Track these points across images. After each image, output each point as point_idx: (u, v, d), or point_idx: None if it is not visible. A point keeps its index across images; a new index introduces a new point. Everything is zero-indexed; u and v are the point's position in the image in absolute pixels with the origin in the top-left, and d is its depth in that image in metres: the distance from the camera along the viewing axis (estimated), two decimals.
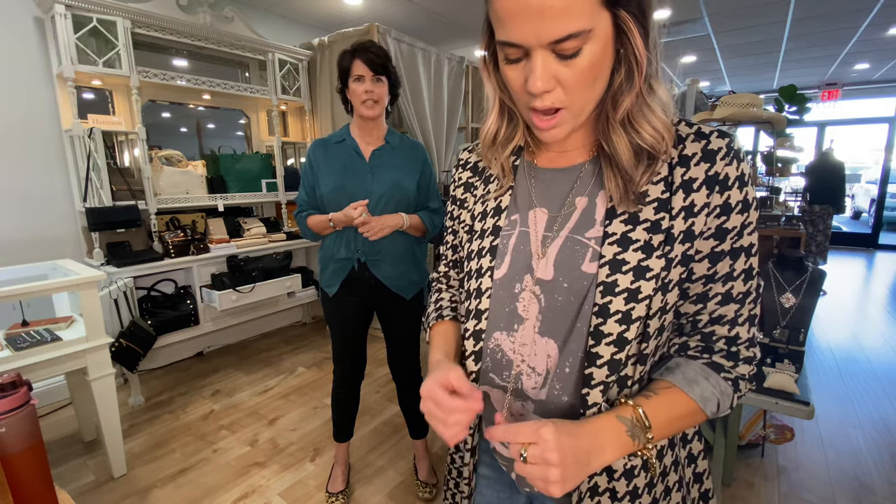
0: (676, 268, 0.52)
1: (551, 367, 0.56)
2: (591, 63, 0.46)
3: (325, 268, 1.67)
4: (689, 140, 0.52)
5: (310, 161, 1.62)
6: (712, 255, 0.52)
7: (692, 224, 0.51)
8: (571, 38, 0.44)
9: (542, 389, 0.57)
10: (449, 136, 3.94)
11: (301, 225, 1.67)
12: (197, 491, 1.87)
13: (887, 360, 3.09)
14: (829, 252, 4.54)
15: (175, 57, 3.06)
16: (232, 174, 3.16)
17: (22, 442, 0.79)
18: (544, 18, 0.43)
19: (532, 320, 0.58)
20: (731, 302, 0.54)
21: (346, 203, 1.50)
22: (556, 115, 0.50)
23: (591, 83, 0.48)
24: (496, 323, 0.60)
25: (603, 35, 0.45)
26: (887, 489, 1.85)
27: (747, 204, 0.51)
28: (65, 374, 1.92)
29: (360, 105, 1.52)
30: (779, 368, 1.38)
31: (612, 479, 0.56)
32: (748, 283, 0.53)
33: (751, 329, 0.55)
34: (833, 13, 3.88)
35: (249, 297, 2.88)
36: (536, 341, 0.57)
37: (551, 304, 0.56)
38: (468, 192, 0.69)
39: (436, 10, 3.75)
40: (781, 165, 2.64)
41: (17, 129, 2.44)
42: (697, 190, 0.51)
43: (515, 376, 0.59)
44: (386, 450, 2.13)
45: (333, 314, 1.71)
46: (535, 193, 0.61)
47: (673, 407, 0.52)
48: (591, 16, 0.43)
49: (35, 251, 2.50)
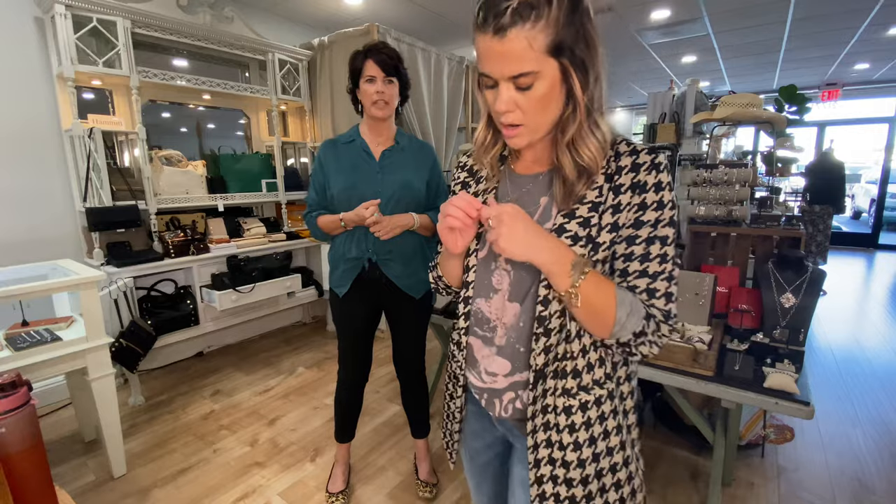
0: (604, 251, 0.69)
1: (514, 324, 0.76)
2: (542, 95, 0.62)
3: (336, 268, 1.66)
4: (624, 155, 0.68)
5: (320, 161, 1.62)
6: (629, 238, 0.68)
7: (618, 218, 0.67)
8: (523, 76, 0.61)
9: (502, 339, 0.78)
10: (449, 136, 3.94)
11: (311, 225, 1.66)
12: (197, 491, 1.87)
13: (887, 360, 3.09)
14: (829, 252, 4.54)
15: (175, 57, 3.06)
16: (232, 174, 3.16)
17: (22, 442, 0.79)
18: (505, 60, 0.60)
19: (504, 290, 0.77)
20: (645, 277, 0.68)
21: (357, 203, 1.51)
22: (517, 129, 0.67)
23: (542, 110, 0.64)
24: (479, 291, 0.80)
25: (550, 76, 0.62)
26: (887, 489, 1.85)
27: (662, 204, 0.66)
28: (65, 374, 1.92)
29: (370, 105, 1.52)
30: (779, 368, 1.38)
31: (569, 397, 0.72)
32: (663, 265, 0.68)
33: (668, 304, 0.68)
34: (833, 13, 3.88)
35: (249, 297, 2.88)
36: (505, 305, 0.77)
37: (517, 277, 0.75)
38: (464, 189, 0.87)
39: (436, 10, 3.75)
40: (781, 165, 2.64)
41: (17, 129, 2.44)
42: (624, 192, 0.67)
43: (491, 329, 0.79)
44: (386, 450, 2.13)
45: (342, 315, 1.70)
46: (511, 193, 0.78)
47: (604, 283, 0.66)
48: (538, 61, 0.60)
49: (35, 251, 2.50)
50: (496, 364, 0.79)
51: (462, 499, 1.82)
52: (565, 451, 0.73)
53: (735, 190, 1.86)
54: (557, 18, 0.59)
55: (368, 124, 1.61)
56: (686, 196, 2.03)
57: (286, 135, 3.69)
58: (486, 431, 0.92)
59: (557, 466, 0.73)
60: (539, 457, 0.74)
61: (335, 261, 1.66)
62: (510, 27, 0.58)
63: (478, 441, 0.95)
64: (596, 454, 0.73)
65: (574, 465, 0.73)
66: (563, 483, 0.73)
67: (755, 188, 2.10)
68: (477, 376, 0.83)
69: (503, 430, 0.88)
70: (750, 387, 1.33)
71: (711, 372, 1.41)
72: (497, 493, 0.98)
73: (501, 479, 0.96)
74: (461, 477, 1.94)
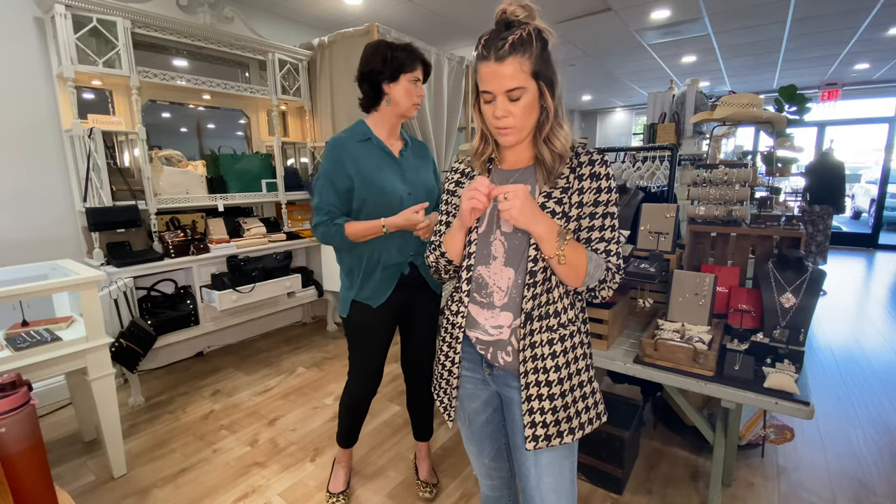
0: (574, 222, 0.94)
1: (511, 286, 0.97)
2: (526, 105, 0.88)
3: (369, 277, 1.54)
4: (582, 156, 0.95)
5: (340, 161, 1.47)
6: (591, 215, 0.94)
7: (582, 199, 0.94)
8: (516, 90, 0.86)
9: (503, 298, 0.98)
10: (449, 136, 3.94)
11: (335, 235, 1.49)
12: (197, 491, 1.87)
13: (887, 360, 3.09)
14: (829, 252, 4.53)
15: (175, 57, 3.06)
16: (232, 174, 3.16)
17: (22, 442, 0.79)
18: (503, 79, 0.85)
19: (500, 258, 0.98)
20: (603, 241, 0.95)
21: (389, 205, 1.46)
22: (508, 130, 0.91)
23: (527, 116, 0.89)
24: (479, 260, 1.01)
25: (532, 92, 0.87)
26: (887, 489, 1.85)
27: (610, 189, 0.94)
28: (65, 374, 1.92)
29: (410, 106, 1.50)
30: (779, 368, 1.38)
31: (552, 332, 0.95)
32: (613, 233, 0.96)
33: (618, 260, 0.97)
34: (833, 13, 3.88)
35: (249, 297, 2.88)
36: (502, 270, 0.97)
37: (510, 246, 0.97)
38: (458, 187, 1.09)
39: (436, 10, 3.75)
40: (781, 165, 2.63)
41: (17, 129, 2.44)
42: (585, 180, 0.93)
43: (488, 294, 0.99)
44: (386, 450, 2.13)
45: (371, 328, 1.59)
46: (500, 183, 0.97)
47: (579, 247, 0.90)
48: (525, 81, 0.85)
49: (35, 251, 2.50)
50: (502, 317, 0.97)
51: (462, 499, 1.82)
52: (549, 372, 0.95)
53: (735, 190, 1.86)
54: (537, 54, 0.85)
55: (389, 123, 1.54)
56: (686, 196, 2.03)
57: (286, 135, 3.69)
58: (479, 391, 1.08)
59: (542, 386, 0.95)
60: (528, 381, 0.95)
61: (368, 270, 1.53)
62: (508, 56, 0.83)
63: (474, 401, 1.09)
64: (570, 374, 0.97)
65: (555, 382, 0.95)
66: (547, 398, 0.96)
67: (755, 188, 2.10)
68: (484, 332, 1.00)
69: (495, 387, 1.06)
70: (750, 387, 1.33)
71: (711, 372, 1.41)
72: (498, 450, 1.15)
73: (499, 435, 1.14)
74: (461, 477, 1.94)
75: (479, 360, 1.05)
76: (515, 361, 0.97)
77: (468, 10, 3.71)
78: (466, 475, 1.95)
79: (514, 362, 0.98)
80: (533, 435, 0.95)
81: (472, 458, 1.19)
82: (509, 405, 1.03)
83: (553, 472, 0.99)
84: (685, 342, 1.49)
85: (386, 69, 1.45)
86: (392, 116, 1.52)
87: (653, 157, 2.69)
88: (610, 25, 4.13)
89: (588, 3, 3.64)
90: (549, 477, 0.99)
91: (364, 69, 1.48)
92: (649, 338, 1.55)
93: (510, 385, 1.01)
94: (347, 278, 1.60)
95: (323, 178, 1.50)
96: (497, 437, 1.14)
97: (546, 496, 1.00)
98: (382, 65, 1.45)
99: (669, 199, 2.29)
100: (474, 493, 1.84)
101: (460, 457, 2.05)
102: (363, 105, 1.56)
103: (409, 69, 1.47)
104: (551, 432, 0.95)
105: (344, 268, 1.60)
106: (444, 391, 1.10)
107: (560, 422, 0.96)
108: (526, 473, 1.02)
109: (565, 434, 0.96)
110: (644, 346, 1.53)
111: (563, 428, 0.96)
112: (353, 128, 1.55)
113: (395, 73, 1.46)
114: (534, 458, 0.99)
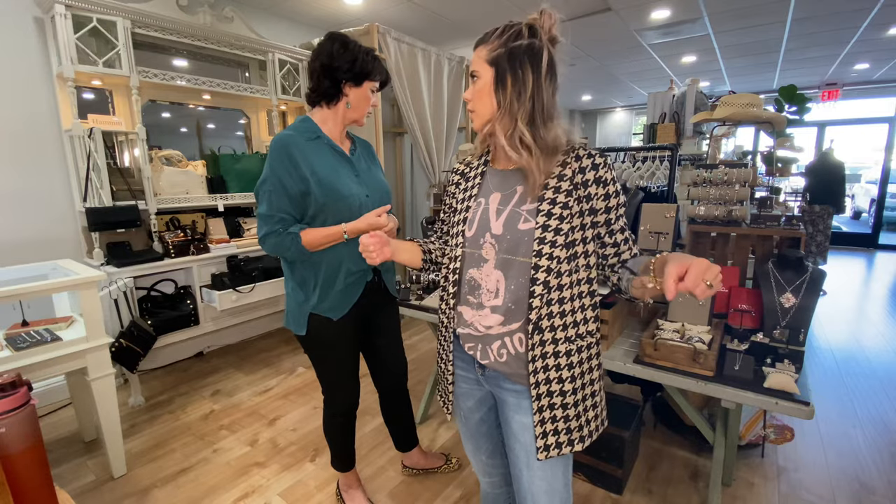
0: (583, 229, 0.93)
1: (501, 288, 0.97)
2: (479, 90, 0.94)
3: (329, 287, 1.43)
4: (584, 158, 0.93)
5: (292, 161, 1.33)
6: (607, 221, 0.95)
7: (593, 204, 0.93)
8: (473, 73, 0.96)
9: (492, 300, 0.98)
10: (449, 136, 3.94)
11: (289, 246, 1.35)
12: (197, 491, 1.87)
13: (887, 360, 3.09)
14: (829, 252, 4.53)
15: (175, 57, 3.06)
16: (232, 174, 3.16)
17: (22, 442, 0.79)
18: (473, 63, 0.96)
19: (491, 260, 0.97)
20: (619, 233, 0.96)
21: (349, 210, 1.38)
22: (472, 113, 0.99)
23: (479, 100, 0.95)
24: (470, 263, 1.01)
25: (486, 79, 0.92)
26: (887, 489, 1.85)
27: (618, 192, 0.95)
28: (65, 374, 1.92)
29: (363, 115, 1.47)
30: (779, 368, 1.38)
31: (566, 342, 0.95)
32: (625, 230, 0.97)
33: (632, 249, 0.97)
34: (833, 13, 3.88)
35: (249, 297, 2.88)
36: (492, 273, 0.97)
37: (500, 249, 0.96)
38: (457, 188, 1.11)
39: (436, 10, 3.75)
40: (781, 165, 2.63)
41: (17, 129, 2.44)
42: (590, 186, 0.92)
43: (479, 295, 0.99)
44: (386, 450, 2.13)
45: (336, 339, 1.49)
46: (492, 180, 1.03)
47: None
48: (481, 66, 0.93)
49: (35, 251, 2.50)
50: (491, 319, 0.98)
51: (462, 499, 1.82)
52: (563, 382, 0.95)
53: (735, 190, 1.86)
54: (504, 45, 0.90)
55: (342, 124, 1.46)
56: (686, 196, 2.03)
57: None
58: (473, 390, 1.10)
59: (555, 396, 0.95)
60: (540, 391, 0.95)
61: (328, 279, 1.42)
62: (478, 45, 0.95)
63: (469, 400, 1.12)
64: (583, 384, 0.98)
65: (569, 392, 0.95)
66: (560, 407, 0.95)
67: (755, 188, 2.10)
68: (474, 329, 1.01)
69: (489, 388, 1.07)
70: (750, 387, 1.33)
71: (711, 372, 1.41)
72: (494, 447, 1.17)
73: (495, 433, 1.16)
74: (461, 476, 1.94)
75: (471, 361, 1.06)
76: (507, 366, 0.98)
77: (468, 10, 3.70)
78: (467, 475, 1.95)
79: (505, 365, 0.98)
80: (545, 445, 0.96)
81: (469, 456, 1.21)
82: (503, 406, 1.04)
83: (546, 475, 0.99)
84: (685, 342, 1.49)
85: (352, 71, 1.38)
86: (346, 119, 1.45)
87: (653, 157, 2.69)
88: (610, 25, 4.13)
89: (588, 3, 3.64)
90: (541, 480, 0.99)
91: (328, 62, 1.37)
92: (649, 338, 1.55)
93: (503, 387, 1.02)
94: (301, 291, 1.45)
95: (270, 181, 1.33)
96: (493, 435, 1.16)
97: (538, 498, 1.00)
98: (351, 66, 1.37)
99: (669, 199, 2.29)
100: (474, 493, 1.84)
101: (460, 456, 2.05)
102: (313, 98, 1.44)
103: (373, 77, 1.43)
104: (562, 440, 0.96)
105: (295, 279, 1.45)
106: (443, 387, 1.14)
107: (571, 430, 0.96)
108: (518, 475, 1.02)
109: (576, 442, 0.97)
110: (644, 346, 1.53)
111: (574, 437, 0.97)
112: (299, 125, 1.42)
113: (361, 77, 1.40)
114: (526, 460, 0.99)
